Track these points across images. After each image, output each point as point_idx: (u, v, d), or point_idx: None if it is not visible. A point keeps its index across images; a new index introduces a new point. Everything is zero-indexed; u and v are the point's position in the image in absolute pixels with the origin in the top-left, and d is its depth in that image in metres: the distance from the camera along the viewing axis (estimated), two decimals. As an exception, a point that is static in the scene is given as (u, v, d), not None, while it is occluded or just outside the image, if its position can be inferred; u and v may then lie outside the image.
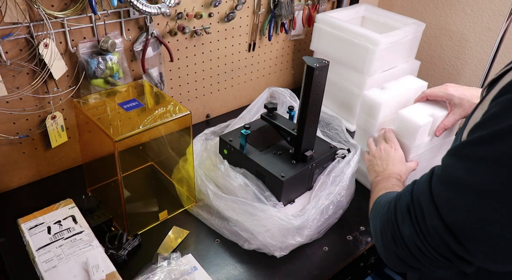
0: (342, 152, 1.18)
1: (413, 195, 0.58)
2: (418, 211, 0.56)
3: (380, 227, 0.64)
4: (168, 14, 1.19)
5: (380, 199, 0.75)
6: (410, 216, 0.57)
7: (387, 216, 0.62)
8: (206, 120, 1.54)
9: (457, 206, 0.51)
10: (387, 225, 0.61)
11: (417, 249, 0.56)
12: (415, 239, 0.56)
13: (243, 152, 1.08)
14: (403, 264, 0.61)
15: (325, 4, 1.62)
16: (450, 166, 0.54)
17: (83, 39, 1.08)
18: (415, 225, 0.56)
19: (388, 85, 1.18)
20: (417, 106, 1.09)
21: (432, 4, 1.70)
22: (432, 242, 0.54)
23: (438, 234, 0.53)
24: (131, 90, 1.13)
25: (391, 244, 0.60)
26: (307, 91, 0.97)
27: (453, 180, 0.53)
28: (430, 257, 0.56)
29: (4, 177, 1.13)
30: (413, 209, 0.57)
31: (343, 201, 1.09)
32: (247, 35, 1.47)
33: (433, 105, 1.09)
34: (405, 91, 1.17)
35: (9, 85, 1.00)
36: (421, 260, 0.57)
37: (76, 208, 1.01)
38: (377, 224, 0.66)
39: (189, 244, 1.02)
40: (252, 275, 0.96)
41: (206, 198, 1.05)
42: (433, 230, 0.54)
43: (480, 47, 1.61)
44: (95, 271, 0.85)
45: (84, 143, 1.15)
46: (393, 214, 0.61)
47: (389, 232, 0.61)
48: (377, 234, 0.66)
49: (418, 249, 0.56)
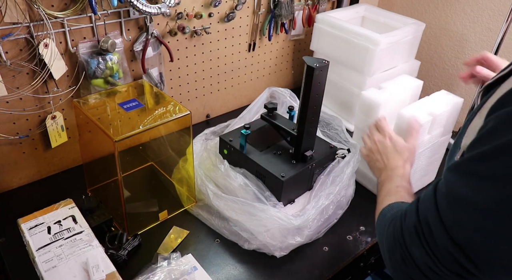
0: (342, 152, 1.18)
1: (420, 215, 0.57)
2: (427, 231, 0.55)
3: (388, 247, 0.63)
4: (168, 14, 1.19)
5: (385, 212, 0.74)
6: (419, 237, 0.56)
7: (394, 236, 0.61)
8: (206, 120, 1.54)
9: (465, 224, 0.51)
10: (395, 246, 0.61)
11: (428, 269, 0.56)
12: (426, 259, 0.55)
13: (243, 152, 1.08)
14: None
15: (325, 4, 1.62)
16: (453, 183, 0.54)
17: (83, 39, 1.08)
18: (424, 246, 0.55)
19: (385, 85, 1.18)
20: (416, 105, 1.09)
21: (432, 4, 1.70)
22: (443, 261, 0.54)
23: (449, 253, 0.53)
24: (131, 90, 1.13)
25: (401, 264, 0.60)
26: (307, 91, 0.97)
27: (458, 198, 0.52)
28: (441, 275, 0.55)
29: (4, 177, 1.13)
30: (421, 229, 0.56)
31: (343, 201, 1.09)
32: (247, 35, 1.47)
33: (431, 104, 1.09)
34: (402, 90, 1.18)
35: (9, 85, 1.00)
36: (432, 278, 0.57)
37: (76, 208, 1.01)
38: (384, 243, 0.65)
39: (189, 244, 1.02)
40: (252, 275, 0.96)
41: (206, 198, 1.05)
42: (444, 250, 0.53)
43: (480, 47, 1.61)
44: (95, 271, 0.85)
45: (84, 143, 1.15)
46: (400, 235, 0.60)
47: (398, 254, 0.60)
48: (384, 252, 0.65)
49: (430, 269, 0.56)
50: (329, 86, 1.07)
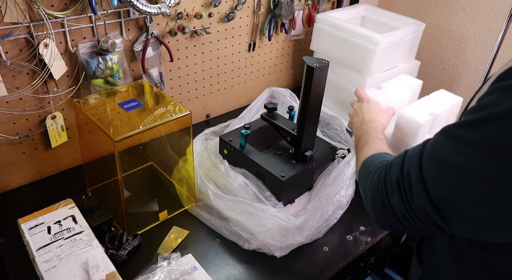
0: (342, 152, 1.18)
1: (404, 169, 0.61)
2: (407, 185, 0.59)
3: (371, 194, 0.68)
4: (168, 14, 1.19)
5: (368, 162, 0.78)
6: (400, 189, 0.61)
7: (378, 185, 0.66)
8: (206, 120, 1.54)
9: (441, 182, 0.54)
10: (377, 194, 0.66)
11: (403, 218, 0.61)
12: (403, 210, 0.60)
13: (243, 152, 1.08)
14: (390, 227, 0.66)
15: (325, 4, 1.62)
16: (440, 144, 0.57)
17: (83, 39, 1.08)
18: (403, 197, 0.60)
19: (385, 85, 1.18)
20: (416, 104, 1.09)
21: (432, 4, 1.70)
22: (416, 213, 0.58)
23: (422, 208, 0.57)
24: (131, 90, 1.13)
25: (381, 211, 0.65)
26: (307, 91, 0.97)
27: (441, 157, 0.55)
28: (414, 225, 0.61)
29: (4, 177, 1.13)
30: (403, 182, 0.60)
31: (343, 201, 1.09)
32: (247, 35, 1.47)
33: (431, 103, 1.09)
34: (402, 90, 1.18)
35: (9, 85, 1.00)
36: (407, 226, 0.62)
37: (76, 208, 1.01)
38: (367, 189, 0.70)
39: (189, 244, 1.02)
40: (252, 275, 0.96)
41: (206, 198, 1.05)
42: (418, 204, 0.57)
43: (480, 47, 1.61)
44: (95, 271, 0.85)
45: (84, 143, 1.15)
46: (383, 185, 0.65)
47: (379, 201, 0.65)
48: (367, 199, 0.70)
49: (405, 218, 0.61)
50: (329, 86, 1.07)
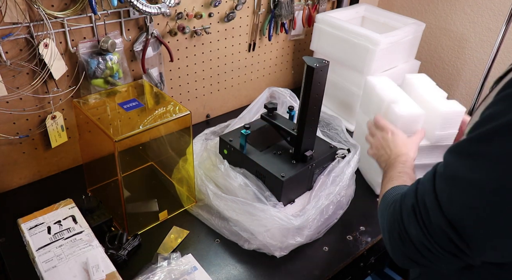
0: (342, 152, 1.18)
1: (418, 195, 0.59)
2: (423, 210, 0.57)
3: (388, 228, 0.65)
4: (168, 14, 1.19)
5: (386, 196, 0.75)
6: (416, 216, 0.58)
7: (394, 217, 0.63)
8: (206, 120, 1.54)
9: (457, 202, 0.52)
10: (394, 226, 0.63)
11: (423, 247, 0.57)
12: (422, 238, 0.57)
13: (243, 152, 1.07)
14: (410, 261, 0.62)
15: (325, 4, 1.62)
16: (451, 164, 0.55)
17: (83, 39, 1.08)
18: (420, 224, 0.57)
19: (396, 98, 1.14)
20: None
21: (432, 4, 1.70)
22: (437, 239, 0.55)
23: (442, 231, 0.54)
24: (131, 90, 1.13)
25: (398, 243, 0.62)
26: (307, 91, 0.97)
27: (454, 177, 0.54)
28: (436, 254, 0.57)
29: (4, 177, 1.13)
30: (418, 209, 0.58)
31: (343, 201, 1.09)
32: (247, 35, 1.47)
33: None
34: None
35: (9, 85, 1.00)
36: (428, 257, 0.58)
37: (76, 208, 1.01)
38: (385, 224, 0.67)
39: (189, 244, 1.02)
40: (252, 275, 0.96)
41: (206, 198, 1.05)
42: (437, 228, 0.54)
43: (480, 47, 1.61)
44: (95, 271, 0.85)
45: (84, 143, 1.15)
46: (398, 215, 0.62)
47: (395, 232, 0.62)
48: (384, 233, 0.67)
49: (425, 247, 0.57)
50: (329, 86, 1.07)
